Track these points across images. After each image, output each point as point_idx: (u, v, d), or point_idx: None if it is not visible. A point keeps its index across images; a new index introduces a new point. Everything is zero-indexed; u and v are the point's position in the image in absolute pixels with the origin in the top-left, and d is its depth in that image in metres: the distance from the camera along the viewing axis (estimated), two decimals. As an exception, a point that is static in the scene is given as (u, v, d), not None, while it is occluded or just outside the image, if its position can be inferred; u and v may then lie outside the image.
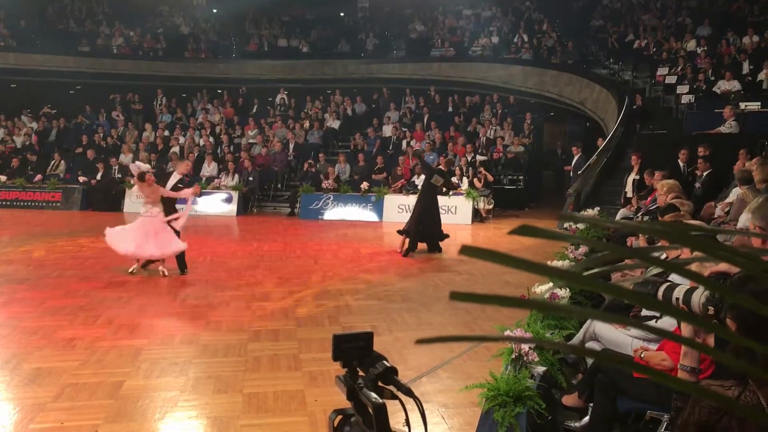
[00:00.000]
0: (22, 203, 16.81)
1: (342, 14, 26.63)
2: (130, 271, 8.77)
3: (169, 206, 8.88)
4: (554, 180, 18.99)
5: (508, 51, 21.27)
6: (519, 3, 24.03)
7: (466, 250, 0.63)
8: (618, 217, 10.80)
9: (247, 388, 4.86)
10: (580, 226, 9.08)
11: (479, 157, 16.52)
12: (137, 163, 9.92)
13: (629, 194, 11.97)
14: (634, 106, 15.77)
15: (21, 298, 7.46)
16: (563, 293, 5.07)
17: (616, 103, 16.34)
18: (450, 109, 20.14)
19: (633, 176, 12.15)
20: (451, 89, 20.97)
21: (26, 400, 4.58)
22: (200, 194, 14.12)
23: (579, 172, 14.16)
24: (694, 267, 2.59)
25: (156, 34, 24.52)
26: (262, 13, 25.70)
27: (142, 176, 8.58)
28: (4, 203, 16.82)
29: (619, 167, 14.49)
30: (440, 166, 11.77)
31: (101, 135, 19.72)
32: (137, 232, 8.54)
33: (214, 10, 26.29)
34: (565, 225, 10.38)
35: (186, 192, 8.96)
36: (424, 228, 10.71)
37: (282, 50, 24.29)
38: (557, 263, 6.08)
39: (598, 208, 9.93)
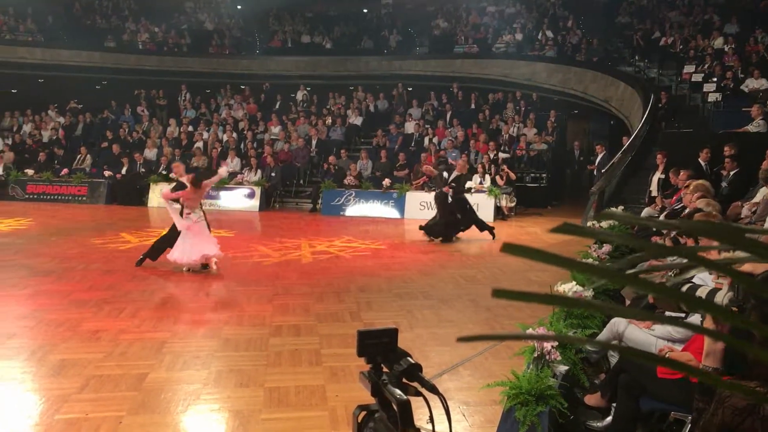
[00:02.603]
0: (49, 197, 17.08)
1: (365, 11, 26.63)
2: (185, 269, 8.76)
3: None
4: (571, 179, 18.72)
5: (532, 48, 21.11)
6: (543, 0, 23.86)
7: (508, 248, 0.62)
8: (642, 215, 10.69)
9: (268, 382, 4.89)
10: (603, 224, 9.00)
11: (502, 155, 16.43)
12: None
13: (654, 193, 11.84)
14: (660, 104, 15.57)
15: (47, 290, 7.57)
16: (587, 292, 5.03)
17: (642, 100, 16.15)
18: (473, 106, 20.07)
19: (658, 175, 12.01)
20: (473, 86, 20.88)
21: (52, 391, 4.64)
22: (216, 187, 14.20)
23: (603, 171, 14.02)
24: (747, 267, 2.54)
25: (181, 30, 24.73)
26: (285, 10, 25.77)
27: (198, 181, 8.50)
28: (31, 197, 17.09)
29: (643, 166, 14.32)
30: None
31: (126, 130, 19.94)
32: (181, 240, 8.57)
33: (239, 7, 26.41)
34: (589, 224, 10.30)
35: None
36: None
37: (305, 46, 24.37)
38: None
39: (622, 207, 9.83)
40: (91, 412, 4.33)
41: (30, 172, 17.61)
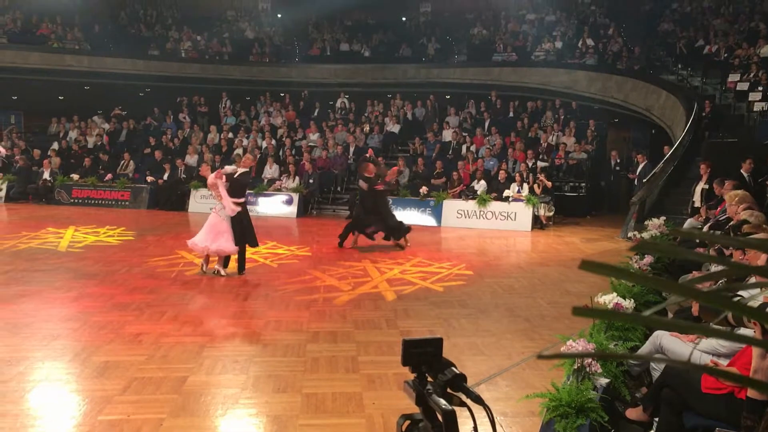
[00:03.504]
0: (93, 201, 17.48)
1: (404, 19, 26.73)
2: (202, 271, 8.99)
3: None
4: (606, 189, 18.06)
5: (571, 56, 20.92)
6: (584, 7, 23.63)
7: (586, 265, 0.62)
8: (685, 227, 10.49)
9: (306, 388, 4.92)
10: (645, 235, 8.86)
11: (540, 163, 16.29)
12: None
13: (697, 204, 11.60)
14: (703, 113, 15.27)
15: (91, 293, 7.73)
16: (627, 303, 4.96)
17: (684, 109, 15.86)
18: (511, 114, 19.95)
19: (702, 185, 11.77)
20: (512, 94, 20.77)
21: (95, 392, 4.74)
22: (255, 193, 14.42)
23: (644, 180, 13.79)
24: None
25: (222, 39, 25.14)
26: (324, 18, 26.05)
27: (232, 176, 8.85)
28: (76, 201, 17.52)
29: (686, 176, 14.06)
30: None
31: (168, 136, 20.29)
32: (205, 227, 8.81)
33: (279, 15, 26.79)
34: (629, 234, 10.15)
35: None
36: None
37: (344, 54, 24.55)
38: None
39: (664, 218, 9.64)
40: (132, 413, 4.41)
41: (75, 177, 18.05)
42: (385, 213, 11.57)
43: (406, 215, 15.25)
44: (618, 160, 17.49)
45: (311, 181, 16.92)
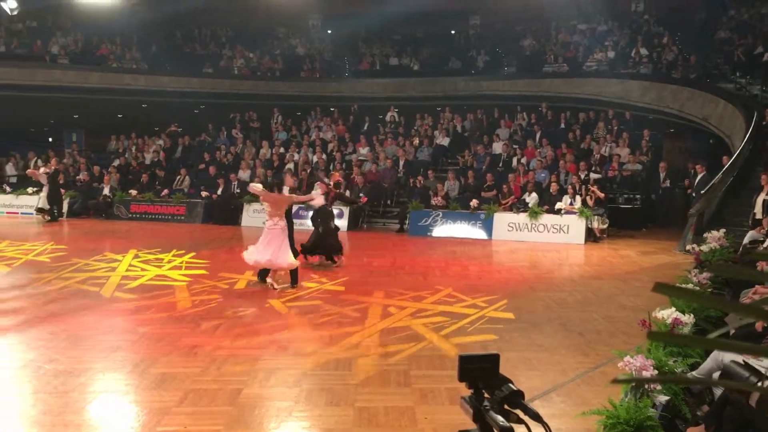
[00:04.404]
0: (150, 216, 17.94)
1: (452, 32, 26.75)
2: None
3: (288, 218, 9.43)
4: (658, 201, 17.19)
5: (624, 65, 20.55)
6: (637, 16, 23.21)
7: (660, 288, 0.61)
8: (746, 239, 10.16)
9: (358, 402, 4.92)
10: (704, 248, 8.62)
11: (593, 175, 16.00)
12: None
13: (758, 215, 11.23)
14: (764, 122, 14.77)
15: (148, 306, 7.93)
16: (687, 319, 4.82)
17: (744, 118, 15.39)
18: (562, 125, 19.69)
19: (763, 196, 11.40)
20: (563, 105, 20.50)
21: (153, 404, 4.85)
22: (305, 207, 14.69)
23: (702, 192, 13.40)
24: None
25: (274, 56, 25.63)
26: (373, 33, 26.29)
27: (269, 187, 9.25)
28: (134, 216, 18.01)
29: (746, 186, 13.61)
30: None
31: (222, 152, 20.70)
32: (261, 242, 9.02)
33: (329, 31, 27.15)
34: (688, 247, 9.88)
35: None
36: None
37: (393, 68, 24.69)
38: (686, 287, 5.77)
39: (723, 230, 9.35)
40: (189, 425, 4.50)
41: (133, 192, 18.58)
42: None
43: (456, 228, 15.20)
44: (665, 173, 16.58)
45: (361, 195, 17.02)
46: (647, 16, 23.00)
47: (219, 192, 17.95)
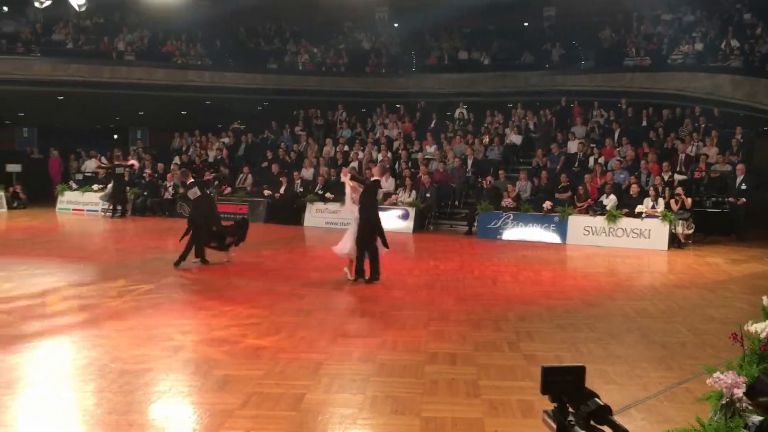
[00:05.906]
0: (212, 214, 18.07)
1: (525, 24, 26.02)
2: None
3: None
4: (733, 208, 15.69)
5: (714, 58, 19.44)
6: (728, 5, 21.94)
7: None
8: None
9: (424, 411, 4.75)
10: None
11: (678, 176, 15.16)
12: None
13: None
14: None
15: (210, 305, 7.95)
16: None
17: None
18: (644, 123, 18.82)
19: None
20: (645, 101, 19.61)
21: (216, 406, 4.80)
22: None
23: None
24: None
25: (339, 51, 25.45)
26: (442, 26, 25.69)
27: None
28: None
29: None
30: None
31: (285, 150, 20.62)
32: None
33: (395, 24, 26.53)
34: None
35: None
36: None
37: (462, 63, 24.21)
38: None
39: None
40: (252, 429, 4.42)
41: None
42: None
43: (528, 232, 14.72)
44: (743, 176, 15.11)
45: (428, 195, 16.69)
46: (739, 5, 21.64)
47: (281, 191, 17.88)
